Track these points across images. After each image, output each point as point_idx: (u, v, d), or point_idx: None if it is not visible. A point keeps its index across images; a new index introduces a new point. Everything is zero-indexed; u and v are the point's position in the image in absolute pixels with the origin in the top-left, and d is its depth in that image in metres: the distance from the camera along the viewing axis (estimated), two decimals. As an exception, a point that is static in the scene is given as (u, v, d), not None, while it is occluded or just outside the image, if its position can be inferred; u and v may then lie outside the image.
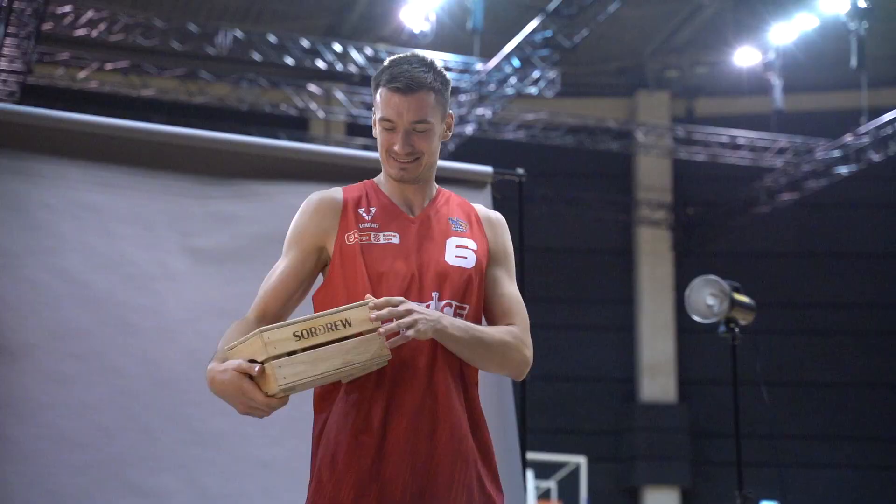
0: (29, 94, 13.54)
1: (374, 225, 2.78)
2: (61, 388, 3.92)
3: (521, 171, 4.84)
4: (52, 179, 4.08)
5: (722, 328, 5.68)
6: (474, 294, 2.77)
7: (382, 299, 2.59)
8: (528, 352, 2.80)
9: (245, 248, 4.26)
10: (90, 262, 4.06)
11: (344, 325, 2.56)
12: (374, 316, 2.55)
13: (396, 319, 2.57)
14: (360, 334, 2.57)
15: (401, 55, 2.79)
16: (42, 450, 3.86)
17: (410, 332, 2.57)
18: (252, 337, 2.52)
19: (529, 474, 15.74)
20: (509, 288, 2.86)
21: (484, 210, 2.95)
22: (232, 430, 4.11)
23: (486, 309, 2.84)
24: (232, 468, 4.09)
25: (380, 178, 2.90)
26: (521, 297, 2.87)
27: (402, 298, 2.62)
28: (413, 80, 2.70)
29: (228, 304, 4.18)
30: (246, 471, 4.11)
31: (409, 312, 2.58)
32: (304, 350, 2.52)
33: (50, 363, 3.93)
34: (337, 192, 2.88)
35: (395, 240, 2.76)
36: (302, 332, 2.53)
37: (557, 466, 17.17)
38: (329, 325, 2.56)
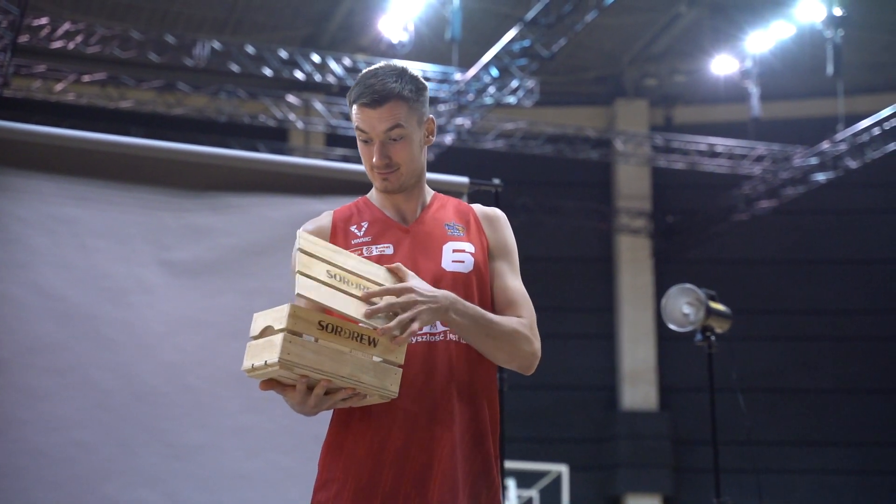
0: (5, 106, 13.50)
1: (367, 239, 2.77)
2: (37, 402, 3.90)
3: (497, 181, 4.84)
4: (26, 193, 4.07)
5: (698, 336, 5.69)
6: (475, 298, 2.73)
7: (381, 289, 2.53)
8: (538, 344, 2.76)
9: (221, 261, 4.25)
10: (65, 276, 4.04)
11: (369, 344, 2.53)
12: (368, 311, 2.48)
13: (399, 312, 2.51)
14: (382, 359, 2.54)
15: (371, 68, 2.78)
16: (18, 465, 3.84)
17: (415, 325, 2.51)
18: (283, 306, 2.46)
19: (511, 483, 15.75)
20: (513, 281, 2.83)
21: (482, 208, 2.93)
22: (210, 443, 4.10)
23: (491, 302, 2.80)
24: (210, 481, 4.07)
25: (372, 193, 2.90)
26: (525, 292, 2.84)
27: (405, 285, 2.54)
28: (379, 93, 2.70)
29: (205, 316, 4.18)
30: (224, 484, 4.09)
31: (411, 304, 2.52)
32: (320, 342, 2.48)
33: (25, 378, 3.90)
34: (326, 216, 2.87)
35: (389, 251, 2.74)
36: (327, 325, 2.48)
37: (539, 475, 17.17)
38: (355, 335, 2.52)
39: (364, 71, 2.79)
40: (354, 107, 2.74)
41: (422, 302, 2.53)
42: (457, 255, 2.78)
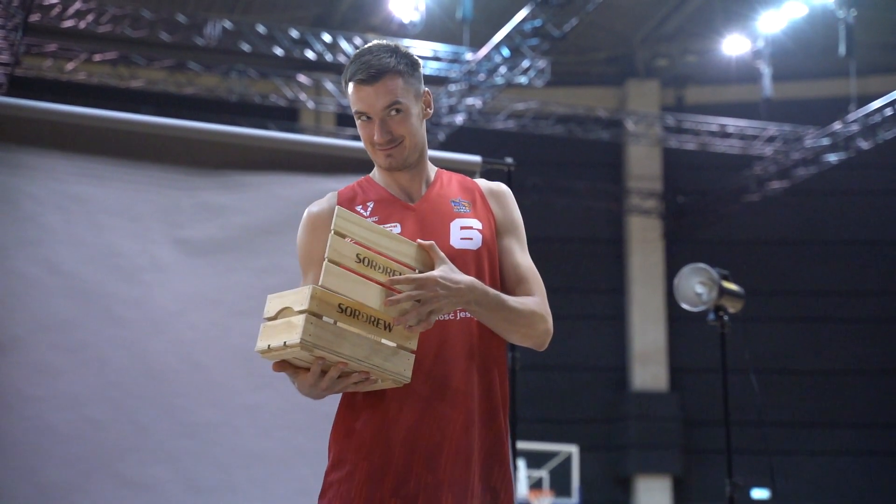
0: (17, 85, 13.50)
1: (374, 218, 2.74)
2: (50, 380, 3.91)
3: (510, 160, 4.83)
4: (39, 171, 4.07)
5: (711, 316, 5.66)
6: (485, 275, 2.72)
7: (405, 278, 2.51)
8: (551, 321, 2.76)
9: (234, 239, 4.25)
10: (78, 253, 4.04)
11: (385, 329, 2.53)
12: (388, 301, 2.49)
13: (419, 305, 2.50)
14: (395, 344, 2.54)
15: (364, 46, 2.77)
16: (31, 442, 3.85)
17: (433, 318, 2.52)
18: (304, 288, 2.47)
19: (521, 464, 15.78)
20: (523, 258, 2.82)
21: (487, 183, 2.91)
22: (222, 421, 4.10)
23: (501, 279, 2.79)
24: (222, 460, 4.08)
25: (374, 172, 2.88)
26: (535, 268, 2.83)
27: (430, 276, 2.52)
28: (375, 68, 2.68)
29: (217, 295, 4.18)
30: (236, 462, 4.10)
31: (432, 297, 2.51)
32: (339, 324, 2.49)
33: (38, 355, 3.91)
34: (331, 197, 2.85)
35: (397, 230, 2.71)
36: (346, 309, 2.48)
37: (549, 456, 17.21)
38: (372, 320, 2.52)
39: (356, 51, 2.77)
40: (351, 85, 2.73)
41: (444, 296, 2.52)
42: (464, 232, 2.76)
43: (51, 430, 3.88)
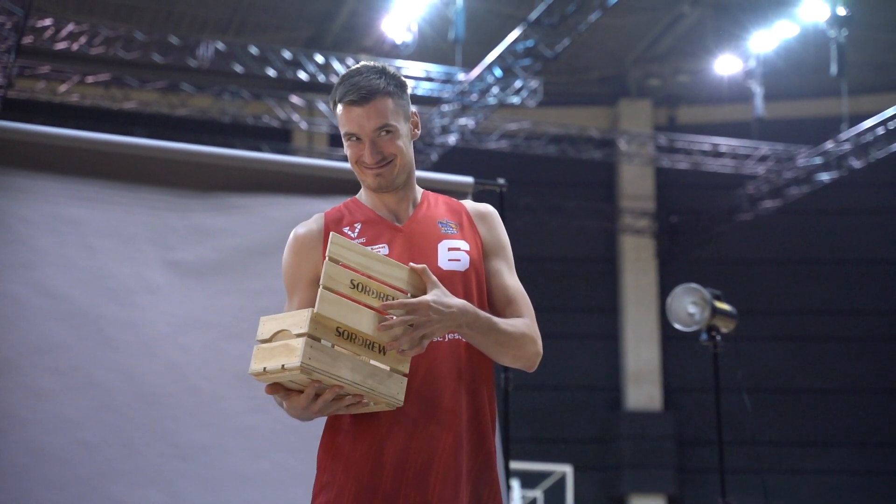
0: (9, 108, 13.48)
1: (361, 239, 2.75)
2: (41, 402, 3.90)
3: (501, 181, 4.84)
4: (31, 194, 4.08)
5: (703, 336, 5.68)
6: (473, 296, 2.73)
7: (398, 303, 2.52)
8: (540, 342, 2.78)
9: (225, 261, 4.25)
10: (70, 276, 4.05)
11: (379, 352, 2.54)
12: (381, 326, 2.50)
13: (411, 330, 2.51)
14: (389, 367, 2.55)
15: (352, 68, 2.78)
16: (21, 465, 3.84)
17: (425, 342, 2.54)
18: (303, 311, 2.49)
19: (515, 484, 15.74)
20: (511, 279, 2.83)
21: (474, 205, 2.92)
22: (214, 443, 4.10)
23: (490, 301, 2.79)
24: (214, 482, 4.07)
25: (361, 194, 2.89)
26: (523, 289, 2.84)
27: (423, 301, 2.53)
28: (365, 90, 2.70)
29: (209, 317, 4.18)
30: (228, 484, 4.09)
31: (425, 322, 2.53)
32: (335, 347, 2.50)
33: (29, 378, 3.91)
34: (318, 219, 2.86)
35: (385, 251, 2.72)
36: (343, 332, 2.50)
37: (543, 476, 17.17)
38: (367, 343, 2.53)
39: (345, 72, 2.79)
40: (340, 106, 2.74)
41: (436, 320, 2.54)
42: (452, 253, 2.77)
43: (41, 453, 3.87)
